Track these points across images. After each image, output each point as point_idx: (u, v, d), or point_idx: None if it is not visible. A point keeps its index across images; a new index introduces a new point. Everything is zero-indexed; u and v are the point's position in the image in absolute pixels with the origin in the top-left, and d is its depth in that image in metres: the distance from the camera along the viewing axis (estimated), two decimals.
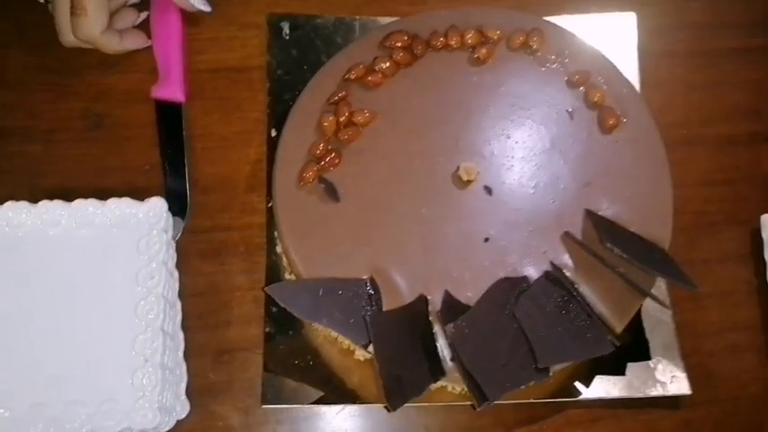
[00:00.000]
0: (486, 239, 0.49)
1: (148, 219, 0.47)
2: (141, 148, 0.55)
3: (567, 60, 0.53)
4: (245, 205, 0.54)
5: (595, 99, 0.52)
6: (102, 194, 0.49)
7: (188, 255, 0.52)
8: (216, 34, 0.58)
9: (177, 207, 0.52)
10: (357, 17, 0.58)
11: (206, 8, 0.53)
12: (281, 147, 0.50)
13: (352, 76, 0.52)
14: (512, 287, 0.47)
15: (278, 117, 0.54)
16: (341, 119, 0.50)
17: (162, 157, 0.54)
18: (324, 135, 0.50)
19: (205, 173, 0.55)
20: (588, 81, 0.53)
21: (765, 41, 0.60)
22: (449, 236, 0.49)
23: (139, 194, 0.50)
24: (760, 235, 0.53)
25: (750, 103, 0.59)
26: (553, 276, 0.48)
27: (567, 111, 0.52)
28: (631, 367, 0.50)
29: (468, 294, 0.47)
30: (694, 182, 0.56)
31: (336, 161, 0.50)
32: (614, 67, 0.54)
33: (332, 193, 0.49)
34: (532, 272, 0.48)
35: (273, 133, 0.54)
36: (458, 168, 0.50)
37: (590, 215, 0.49)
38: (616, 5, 0.59)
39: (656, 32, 0.59)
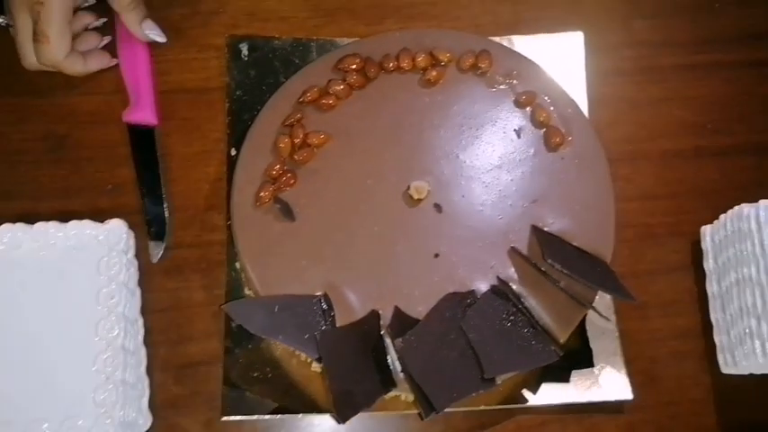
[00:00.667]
0: (437, 255, 0.51)
1: (108, 240, 0.49)
2: (104, 168, 0.56)
3: (514, 81, 0.56)
4: (205, 223, 0.56)
5: (541, 119, 0.54)
6: (66, 216, 0.51)
7: (151, 271, 0.54)
8: (176, 56, 0.60)
9: (157, 229, 0.54)
10: (314, 38, 0.60)
11: (161, 39, 0.54)
12: (239, 168, 0.52)
13: (307, 99, 0.54)
14: (459, 301, 0.49)
15: (237, 137, 0.56)
16: (296, 140, 0.52)
17: (139, 180, 0.55)
18: (279, 156, 0.52)
19: (167, 192, 0.56)
20: (534, 101, 0.55)
21: (710, 58, 0.62)
22: (400, 253, 0.51)
23: (103, 215, 0.51)
24: (701, 246, 0.56)
25: (695, 119, 0.61)
26: (500, 290, 0.50)
27: (515, 130, 0.54)
28: (576, 374, 0.52)
29: (419, 309, 0.49)
30: (638, 196, 0.58)
31: (292, 181, 0.52)
32: (559, 87, 0.56)
33: (287, 212, 0.51)
34: (480, 286, 0.50)
35: (233, 152, 0.56)
36: (408, 187, 0.52)
37: (535, 231, 0.52)
38: (564, 26, 0.61)
39: (604, 51, 0.61)
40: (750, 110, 0.61)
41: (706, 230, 0.56)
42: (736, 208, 0.52)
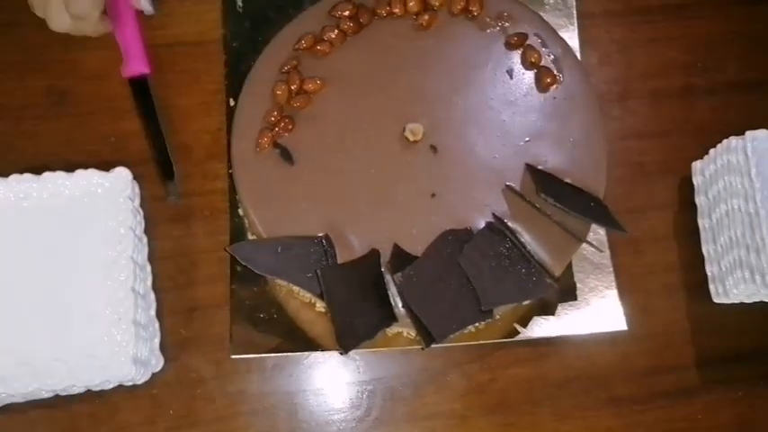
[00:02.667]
0: (433, 195, 0.52)
1: (114, 187, 0.50)
2: (106, 121, 0.58)
3: (505, 24, 0.56)
4: (207, 172, 0.57)
5: (533, 59, 0.55)
6: (71, 167, 0.52)
7: (156, 220, 0.55)
8: (172, 10, 0.60)
9: (166, 172, 0.56)
10: None
11: (148, 9, 0.55)
12: (238, 116, 0.54)
13: (302, 46, 0.55)
14: (457, 238, 0.51)
15: (235, 87, 0.56)
16: (292, 87, 0.53)
17: (145, 131, 0.57)
18: (277, 103, 0.53)
19: (169, 143, 0.57)
20: (526, 42, 0.56)
21: None
22: (397, 193, 0.52)
23: (107, 166, 0.53)
24: (692, 181, 0.57)
25: (685, 58, 0.62)
26: (495, 227, 0.52)
27: (507, 71, 0.55)
28: (571, 308, 0.54)
29: (418, 247, 0.51)
30: (630, 135, 0.59)
31: (290, 127, 0.53)
32: (550, 28, 0.57)
33: (287, 157, 0.52)
34: (477, 224, 0.52)
35: (232, 103, 0.57)
36: (404, 129, 0.53)
37: (529, 169, 0.53)
38: None
39: None
40: (740, 48, 0.62)
41: (696, 166, 0.57)
42: (725, 141, 0.53)
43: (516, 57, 0.56)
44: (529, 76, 0.55)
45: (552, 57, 0.56)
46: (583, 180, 0.53)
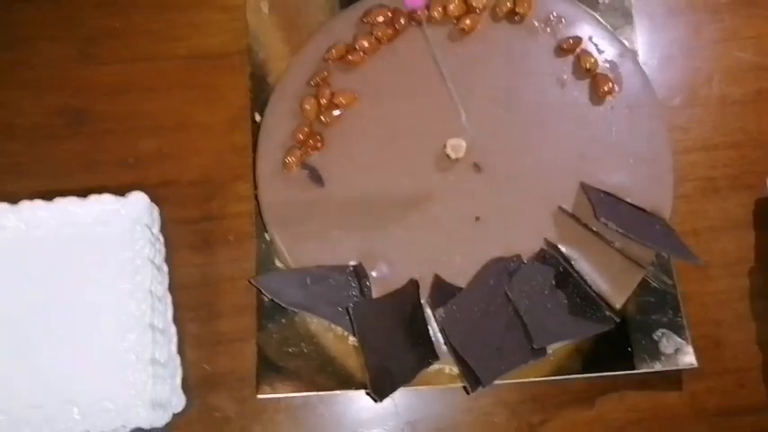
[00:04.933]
0: (477, 218, 0.48)
1: (131, 214, 0.47)
2: (125, 140, 0.54)
3: (556, 26, 0.51)
4: (232, 194, 0.53)
5: (587, 66, 0.50)
6: (87, 192, 0.49)
7: (177, 247, 0.52)
8: (194, 20, 0.57)
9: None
10: None
11: None
12: (263, 134, 0.50)
13: (333, 56, 0.50)
14: (504, 267, 0.46)
15: (262, 101, 0.53)
16: (322, 101, 0.49)
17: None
18: (305, 118, 0.49)
19: (191, 163, 0.54)
20: (579, 47, 0.50)
21: None
22: (438, 217, 0.48)
23: (126, 190, 0.49)
24: (767, 200, 0.51)
25: (756, 60, 0.56)
26: (547, 254, 0.46)
27: (558, 80, 0.50)
28: (635, 341, 0.48)
29: (461, 277, 0.46)
30: (697, 147, 0.53)
31: (319, 145, 0.49)
32: (607, 29, 0.51)
33: (316, 178, 0.48)
34: (526, 250, 0.47)
35: (258, 118, 0.53)
36: (445, 146, 0.48)
37: (585, 188, 0.48)
38: None
39: None
40: None
41: None
42: None
43: (569, 63, 0.51)
44: (583, 84, 0.50)
45: (609, 62, 0.50)
46: (646, 199, 0.48)
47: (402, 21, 0.51)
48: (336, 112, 0.49)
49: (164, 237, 0.51)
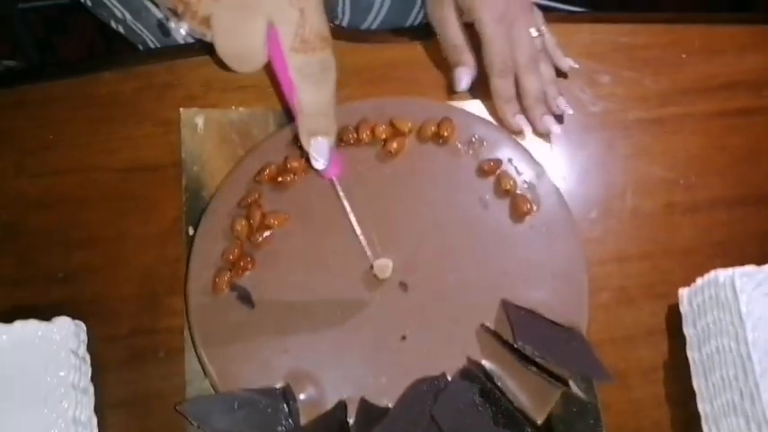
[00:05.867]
0: (404, 338, 0.49)
1: (56, 340, 0.46)
2: (55, 254, 0.54)
3: (478, 149, 0.54)
4: (163, 308, 0.53)
5: (507, 187, 0.53)
6: (14, 311, 0.48)
7: (105, 364, 0.51)
8: (130, 133, 0.57)
9: None
10: (273, 109, 0.58)
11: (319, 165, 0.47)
12: (194, 254, 0.50)
13: (265, 177, 0.52)
14: (429, 386, 0.47)
15: (195, 214, 0.53)
16: (253, 222, 0.50)
17: None
18: (236, 239, 0.50)
19: (123, 277, 0.54)
20: (500, 169, 0.53)
21: (678, 111, 0.61)
22: (365, 338, 0.49)
23: (54, 308, 0.49)
24: (679, 309, 0.54)
25: (665, 175, 0.59)
26: (470, 372, 0.48)
27: (481, 199, 0.53)
28: None
29: (387, 397, 0.47)
30: (612, 258, 0.56)
31: (250, 266, 0.49)
32: (526, 151, 0.54)
33: (246, 299, 0.49)
34: (451, 367, 0.48)
35: (191, 231, 0.54)
36: (372, 266, 0.50)
37: (505, 306, 0.50)
38: None
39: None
40: (722, 162, 0.60)
41: (683, 294, 0.54)
42: (712, 274, 0.50)
43: (490, 184, 0.53)
44: (504, 203, 0.53)
45: (528, 183, 0.53)
46: (564, 314, 0.50)
47: None
48: (267, 233, 0.50)
49: (91, 355, 0.50)
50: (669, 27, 0.64)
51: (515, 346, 0.47)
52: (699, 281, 0.52)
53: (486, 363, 0.49)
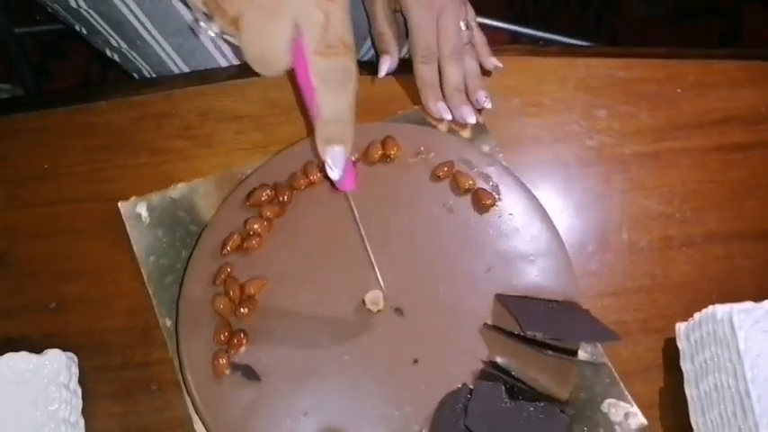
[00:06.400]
0: (416, 361, 0.48)
1: (46, 374, 0.45)
2: (47, 283, 0.53)
3: (427, 157, 0.54)
4: (156, 340, 0.52)
5: (467, 186, 0.53)
6: (5, 342, 0.48)
7: (96, 396, 0.50)
8: (125, 162, 0.57)
9: None
10: (210, 176, 0.56)
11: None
12: (183, 347, 0.49)
13: (230, 249, 0.51)
14: (455, 401, 0.46)
15: (168, 304, 0.52)
16: (233, 296, 0.49)
17: None
18: (223, 319, 0.49)
19: (115, 308, 0.53)
20: (453, 170, 0.54)
21: (674, 145, 0.61)
22: (378, 373, 0.48)
23: (45, 339, 0.48)
24: (676, 343, 0.54)
25: (662, 209, 0.59)
26: (489, 373, 0.47)
27: (445, 205, 0.53)
28: (585, 419, 0.49)
29: (417, 425, 0.46)
30: (609, 292, 0.55)
31: (244, 341, 0.48)
32: (474, 146, 0.55)
33: (251, 374, 0.48)
34: (469, 376, 0.48)
35: (168, 323, 0.52)
36: (363, 302, 0.49)
37: (502, 300, 0.50)
38: None
39: (562, 141, 0.60)
40: (719, 197, 0.60)
41: (680, 329, 0.53)
42: (710, 309, 0.50)
43: (448, 188, 0.53)
44: (467, 201, 0.53)
45: (483, 176, 0.54)
46: (555, 288, 0.51)
47: (286, 194, 0.53)
48: (251, 304, 0.50)
49: (82, 387, 0.49)
50: (664, 62, 0.64)
51: (527, 335, 0.46)
52: (696, 316, 0.52)
53: (499, 360, 0.48)
